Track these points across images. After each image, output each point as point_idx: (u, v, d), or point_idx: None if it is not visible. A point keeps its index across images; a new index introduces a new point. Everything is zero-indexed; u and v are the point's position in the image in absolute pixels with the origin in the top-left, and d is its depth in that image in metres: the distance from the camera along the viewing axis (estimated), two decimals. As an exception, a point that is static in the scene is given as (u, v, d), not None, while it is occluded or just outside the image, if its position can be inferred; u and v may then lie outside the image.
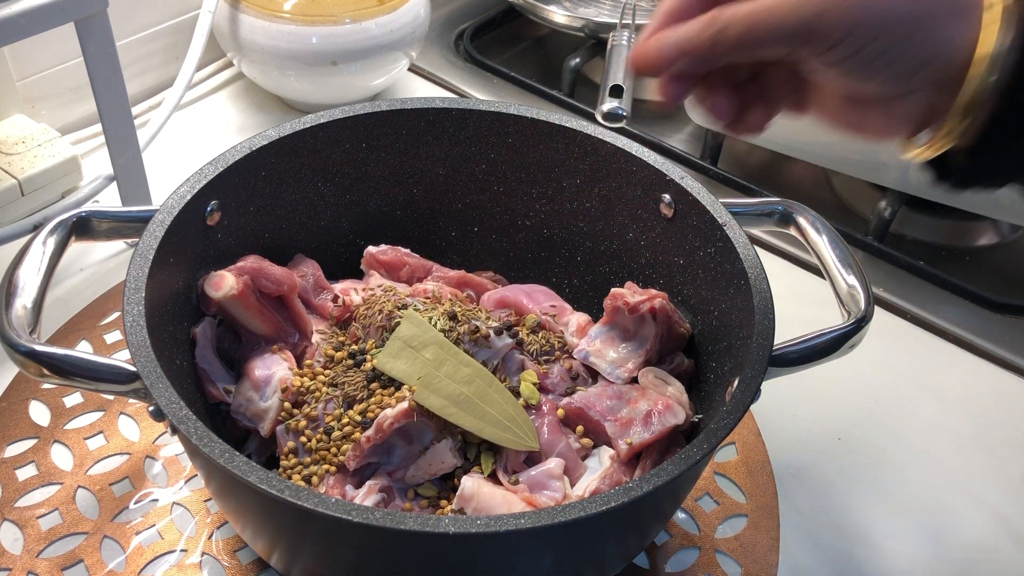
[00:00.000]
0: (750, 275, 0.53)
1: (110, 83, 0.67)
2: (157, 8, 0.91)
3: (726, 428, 0.46)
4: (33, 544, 0.56)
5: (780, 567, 0.59)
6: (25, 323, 0.46)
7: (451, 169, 0.67)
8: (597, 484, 0.53)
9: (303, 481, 0.52)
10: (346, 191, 0.66)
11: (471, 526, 0.40)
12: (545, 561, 0.48)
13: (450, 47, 1.07)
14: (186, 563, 0.56)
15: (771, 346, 0.50)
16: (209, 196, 0.56)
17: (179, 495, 0.59)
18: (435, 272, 0.66)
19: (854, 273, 0.54)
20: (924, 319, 0.78)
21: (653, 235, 0.63)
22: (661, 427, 0.54)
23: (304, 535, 0.47)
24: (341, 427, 0.53)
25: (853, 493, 0.65)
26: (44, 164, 0.77)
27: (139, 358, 0.46)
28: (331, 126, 0.62)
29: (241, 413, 0.56)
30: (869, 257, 0.84)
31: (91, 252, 0.77)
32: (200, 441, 0.43)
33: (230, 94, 0.98)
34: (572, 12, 1.05)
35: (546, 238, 0.68)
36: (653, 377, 0.57)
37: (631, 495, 0.42)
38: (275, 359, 0.57)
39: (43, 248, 0.50)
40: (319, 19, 0.85)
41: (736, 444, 0.66)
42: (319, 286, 0.63)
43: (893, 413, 0.71)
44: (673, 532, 0.60)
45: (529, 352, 0.59)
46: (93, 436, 0.62)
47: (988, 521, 0.64)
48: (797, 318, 0.62)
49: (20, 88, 0.83)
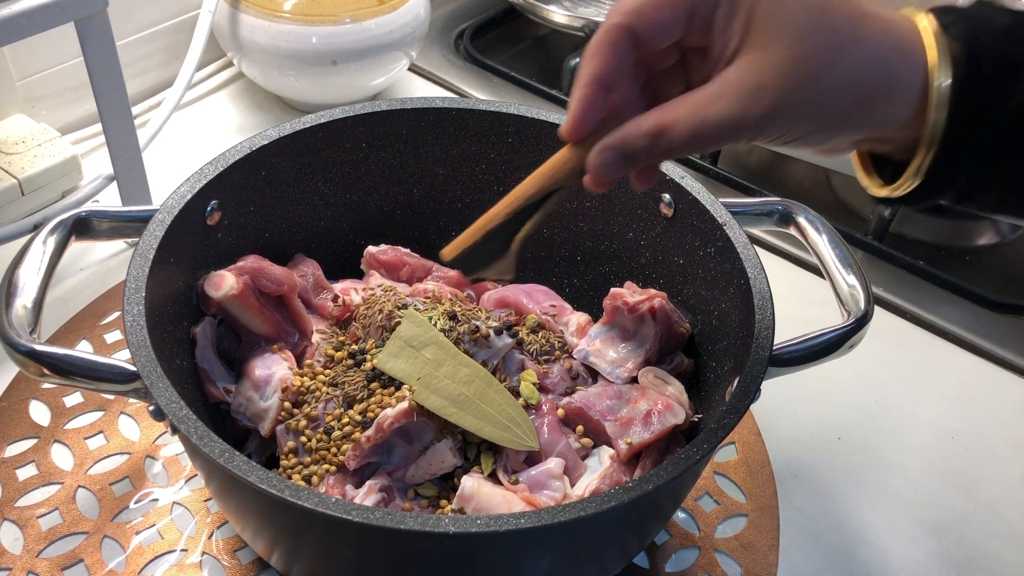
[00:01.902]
0: (750, 275, 0.53)
1: (110, 83, 0.67)
2: (157, 8, 0.91)
3: (726, 428, 0.46)
4: (33, 544, 0.56)
5: (780, 567, 0.59)
6: (25, 323, 0.46)
7: (451, 169, 0.67)
8: (597, 484, 0.53)
9: (303, 481, 0.52)
10: (346, 191, 0.66)
11: (471, 526, 0.40)
12: (545, 561, 0.48)
13: (450, 47, 1.07)
14: (186, 563, 0.56)
15: (771, 346, 0.50)
16: (209, 196, 0.56)
17: (179, 495, 0.59)
18: (435, 272, 0.66)
19: (854, 273, 0.54)
20: (924, 319, 0.78)
21: (653, 235, 0.63)
22: (661, 427, 0.54)
23: (304, 535, 0.47)
24: (341, 427, 0.53)
25: (853, 493, 0.65)
26: (44, 164, 0.77)
27: (139, 358, 0.46)
28: (331, 126, 0.62)
29: (241, 413, 0.56)
30: (869, 257, 0.84)
31: (91, 252, 0.77)
32: (200, 441, 0.43)
33: (230, 94, 0.98)
34: (572, 12, 1.05)
35: (546, 238, 0.68)
36: (653, 377, 0.57)
37: (631, 495, 0.42)
38: (275, 359, 0.57)
39: (43, 248, 0.50)
40: (319, 19, 0.85)
41: (736, 444, 0.66)
42: (319, 286, 0.63)
43: (893, 413, 0.71)
44: (673, 532, 0.60)
45: (529, 352, 0.59)
46: (93, 436, 0.62)
47: (988, 521, 0.64)
48: (797, 318, 0.62)
49: (20, 88, 0.83)
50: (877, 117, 0.39)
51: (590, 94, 0.41)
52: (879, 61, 0.38)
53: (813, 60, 0.37)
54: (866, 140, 0.41)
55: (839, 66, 0.37)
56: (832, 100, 0.38)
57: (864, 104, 0.38)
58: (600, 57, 0.40)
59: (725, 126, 0.38)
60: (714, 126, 0.38)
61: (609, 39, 0.40)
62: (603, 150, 0.41)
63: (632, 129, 0.40)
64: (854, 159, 0.45)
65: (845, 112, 0.38)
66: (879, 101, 0.38)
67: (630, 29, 0.39)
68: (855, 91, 0.38)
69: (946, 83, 0.38)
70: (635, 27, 0.39)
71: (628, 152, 0.40)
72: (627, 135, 0.40)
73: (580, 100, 0.41)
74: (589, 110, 0.41)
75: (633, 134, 0.40)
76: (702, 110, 0.38)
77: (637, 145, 0.40)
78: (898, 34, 0.38)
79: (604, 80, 0.40)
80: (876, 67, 0.38)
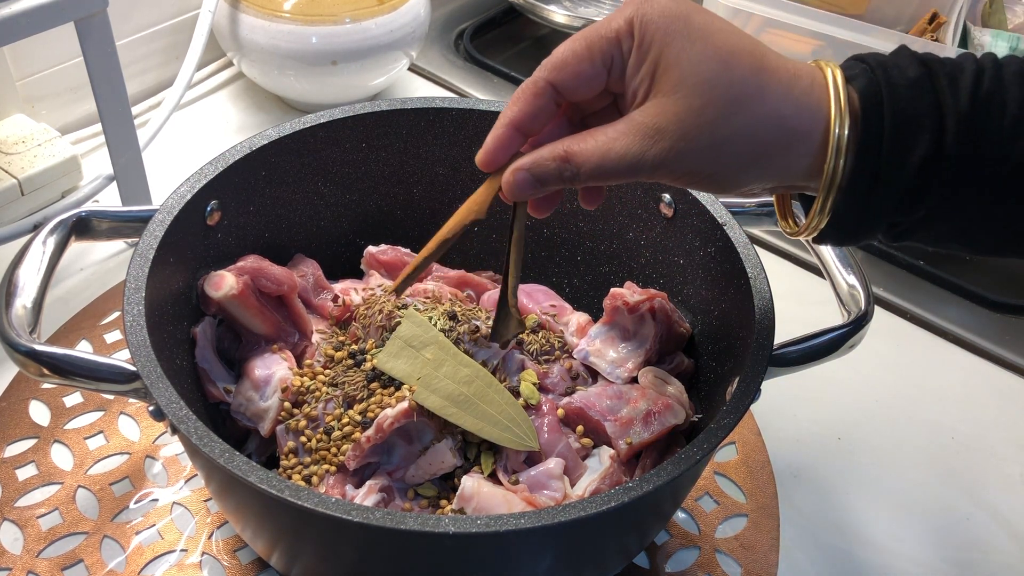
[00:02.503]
0: (750, 275, 0.53)
1: (110, 83, 0.67)
2: (157, 8, 0.91)
3: (726, 428, 0.46)
4: (33, 544, 0.56)
5: (780, 567, 0.59)
6: (25, 323, 0.46)
7: (451, 169, 0.67)
8: (597, 484, 0.53)
9: (303, 481, 0.52)
10: (346, 191, 0.66)
11: (471, 526, 0.40)
12: (545, 561, 0.48)
13: (450, 47, 1.07)
14: (186, 563, 0.56)
15: (771, 346, 0.50)
16: (209, 196, 0.56)
17: (179, 495, 0.59)
18: (435, 272, 0.66)
19: (854, 273, 0.54)
20: (924, 319, 0.78)
21: (653, 235, 0.63)
22: (661, 427, 0.54)
23: (304, 535, 0.47)
24: (341, 427, 0.53)
25: (853, 493, 0.65)
26: (44, 164, 0.77)
27: (139, 358, 0.46)
28: (331, 126, 0.62)
29: (241, 413, 0.56)
30: (869, 257, 0.84)
31: (91, 252, 0.77)
32: (200, 441, 0.43)
33: (230, 94, 0.98)
34: (572, 12, 1.05)
35: (546, 238, 0.68)
36: (653, 377, 0.57)
37: (631, 495, 0.42)
38: (275, 359, 0.57)
39: (43, 248, 0.50)
40: (319, 19, 0.85)
41: (736, 444, 0.66)
42: (319, 286, 0.63)
43: (893, 413, 0.71)
44: (673, 532, 0.60)
45: (529, 352, 0.59)
46: (93, 436, 0.62)
47: (988, 521, 0.64)
48: (797, 318, 0.62)
49: (20, 88, 0.83)
50: (777, 168, 0.40)
51: (504, 134, 0.45)
52: (777, 116, 0.39)
53: (711, 111, 0.39)
54: (779, 187, 0.43)
55: (737, 119, 0.39)
56: (729, 150, 0.40)
57: (762, 157, 0.40)
58: (519, 104, 0.44)
59: (625, 161, 0.41)
60: (615, 160, 0.41)
61: (533, 89, 0.44)
62: (516, 170, 0.44)
63: (545, 152, 0.43)
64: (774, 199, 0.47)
65: (743, 162, 0.40)
66: (777, 154, 0.40)
67: (552, 83, 0.43)
68: (752, 144, 0.39)
69: (844, 133, 0.39)
70: (556, 81, 0.43)
71: (537, 173, 0.43)
72: (539, 157, 0.43)
73: (495, 138, 0.45)
74: (501, 148, 0.45)
75: (545, 157, 0.43)
76: (607, 144, 0.41)
77: (547, 167, 0.43)
78: (800, 87, 0.40)
79: (519, 124, 0.44)
80: (774, 121, 0.39)
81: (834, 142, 0.39)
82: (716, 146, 0.39)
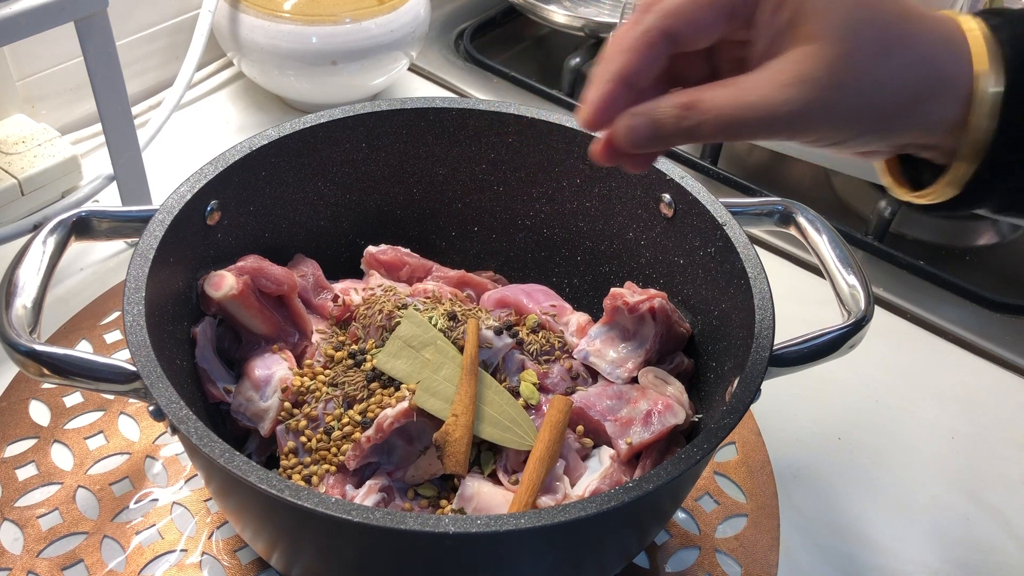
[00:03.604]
0: (750, 275, 0.53)
1: (110, 83, 0.67)
2: (157, 8, 0.91)
3: (726, 428, 0.46)
4: (33, 544, 0.56)
5: (780, 567, 0.59)
6: (25, 323, 0.46)
7: (451, 169, 0.67)
8: (597, 484, 0.53)
9: (303, 481, 0.52)
10: (346, 191, 0.66)
11: (471, 526, 0.40)
12: (545, 561, 0.48)
13: (450, 47, 1.07)
14: (186, 563, 0.56)
15: (771, 346, 0.50)
16: (209, 196, 0.56)
17: (179, 495, 0.59)
18: (435, 272, 0.66)
19: (854, 273, 0.54)
20: (924, 319, 0.78)
21: (653, 235, 0.63)
22: (661, 427, 0.54)
23: (304, 535, 0.47)
24: (341, 427, 0.53)
25: (853, 493, 0.65)
26: (44, 164, 0.77)
27: (139, 358, 0.46)
28: (331, 126, 0.62)
29: (241, 413, 0.56)
30: (869, 257, 0.84)
31: (91, 252, 0.77)
32: (200, 441, 0.43)
33: (230, 94, 0.98)
34: (572, 12, 1.05)
35: (546, 238, 0.68)
36: (653, 377, 0.57)
37: (631, 495, 0.42)
38: (275, 359, 0.57)
39: (43, 248, 0.50)
40: (319, 19, 0.85)
41: (736, 444, 0.66)
42: (319, 286, 0.63)
43: (893, 413, 0.71)
44: (673, 532, 0.60)
45: (529, 352, 0.59)
46: (93, 436, 0.62)
47: (988, 521, 0.64)
48: (797, 318, 0.62)
49: (20, 88, 0.83)
50: (921, 118, 0.38)
51: (611, 90, 0.38)
52: (927, 58, 0.37)
53: (862, 55, 0.36)
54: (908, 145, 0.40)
55: (888, 62, 0.36)
56: (879, 98, 0.37)
57: (910, 104, 0.37)
58: (628, 55, 0.38)
59: (760, 111, 0.36)
60: (751, 110, 0.36)
61: (644, 38, 0.38)
62: (634, 114, 0.38)
63: (664, 100, 0.38)
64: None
65: (890, 112, 0.37)
66: (924, 100, 0.37)
67: (666, 32, 0.38)
68: (902, 89, 0.37)
69: (995, 90, 0.36)
70: (671, 29, 0.38)
71: (656, 119, 0.38)
72: (658, 103, 0.38)
73: (602, 94, 0.39)
74: (609, 104, 0.39)
75: (665, 103, 0.38)
76: (739, 94, 0.37)
77: (667, 114, 0.37)
78: (945, 32, 0.37)
79: (630, 78, 0.38)
80: (924, 64, 0.37)
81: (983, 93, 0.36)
82: (866, 93, 0.36)
